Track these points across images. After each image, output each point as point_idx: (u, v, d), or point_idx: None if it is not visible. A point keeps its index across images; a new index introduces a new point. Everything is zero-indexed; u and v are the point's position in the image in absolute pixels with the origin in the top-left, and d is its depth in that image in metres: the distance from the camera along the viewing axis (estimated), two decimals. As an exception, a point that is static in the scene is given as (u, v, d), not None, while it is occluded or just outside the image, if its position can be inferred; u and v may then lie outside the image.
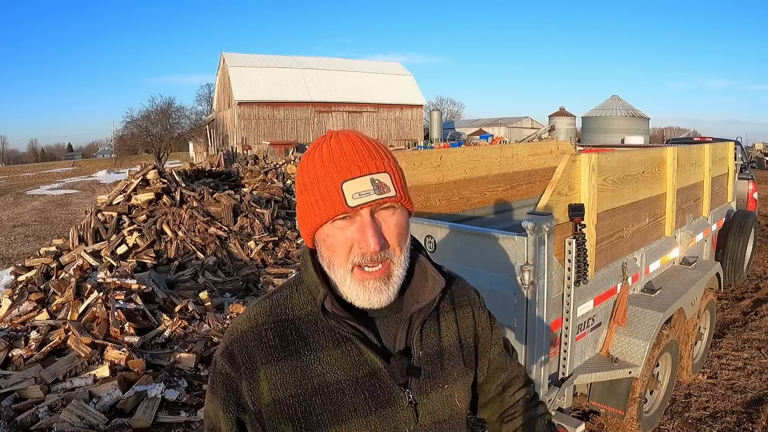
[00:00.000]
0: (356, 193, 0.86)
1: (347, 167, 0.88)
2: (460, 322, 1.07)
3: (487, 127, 53.54)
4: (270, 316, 0.96)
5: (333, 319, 0.93)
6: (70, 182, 31.05)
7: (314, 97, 38.87)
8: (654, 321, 2.95)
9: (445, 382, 1.01)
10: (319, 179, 0.89)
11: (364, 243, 0.88)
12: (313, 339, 0.94)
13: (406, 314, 0.97)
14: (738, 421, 3.56)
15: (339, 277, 0.92)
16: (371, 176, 0.88)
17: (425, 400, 0.97)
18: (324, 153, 0.90)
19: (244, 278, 6.81)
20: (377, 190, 0.87)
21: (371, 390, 0.93)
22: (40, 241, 11.09)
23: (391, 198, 0.89)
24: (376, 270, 0.90)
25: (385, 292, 0.92)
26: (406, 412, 0.95)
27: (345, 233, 0.89)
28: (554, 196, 2.43)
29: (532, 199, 4.32)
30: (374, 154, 0.90)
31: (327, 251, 0.92)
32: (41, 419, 3.61)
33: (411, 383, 0.96)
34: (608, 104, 41.59)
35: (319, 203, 0.89)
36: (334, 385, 0.92)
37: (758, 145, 36.71)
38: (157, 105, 36.18)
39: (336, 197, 0.87)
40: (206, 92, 55.68)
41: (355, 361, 0.93)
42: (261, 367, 0.92)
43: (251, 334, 0.94)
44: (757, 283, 6.54)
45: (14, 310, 5.28)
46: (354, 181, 0.87)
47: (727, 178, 5.18)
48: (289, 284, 1.01)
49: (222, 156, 17.96)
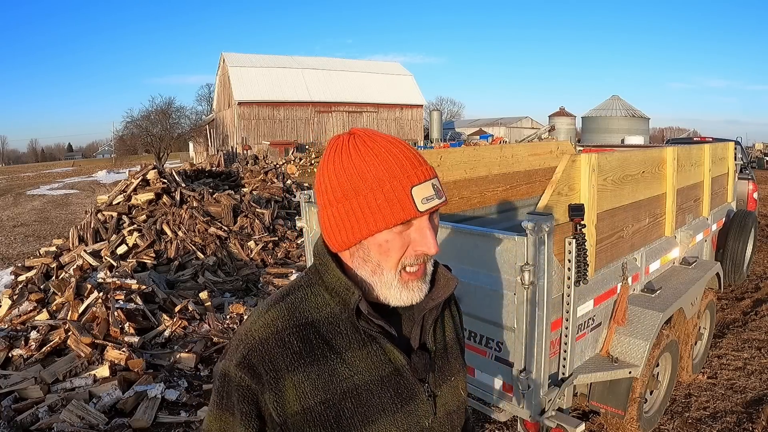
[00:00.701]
0: (424, 198, 0.87)
1: (413, 171, 0.88)
2: (454, 318, 1.12)
3: (487, 127, 53.55)
4: (290, 321, 0.92)
5: (363, 320, 0.92)
6: (70, 182, 31.04)
7: (314, 97, 38.87)
8: (654, 321, 2.95)
9: (451, 375, 1.05)
10: (381, 182, 0.86)
11: (426, 246, 0.89)
12: (336, 341, 0.92)
13: (421, 311, 0.98)
14: (738, 421, 3.56)
15: (386, 280, 0.91)
16: (432, 181, 0.89)
17: (440, 393, 1.01)
18: (376, 153, 0.88)
19: (244, 278, 6.81)
20: (437, 194, 0.89)
21: (396, 387, 0.94)
22: (40, 241, 11.09)
23: (444, 203, 0.91)
24: (417, 270, 0.92)
25: (423, 290, 0.94)
26: (426, 405, 0.97)
27: (403, 237, 0.89)
28: (554, 196, 2.43)
29: (532, 199, 4.32)
30: (422, 159, 0.91)
31: (380, 256, 0.90)
32: (41, 419, 3.61)
33: (428, 377, 0.99)
34: (608, 104, 41.62)
35: (383, 208, 0.86)
36: (362, 386, 0.92)
37: (758, 145, 36.71)
38: (157, 105, 36.26)
39: (406, 202, 0.86)
40: (206, 92, 55.85)
41: (380, 360, 0.94)
42: (287, 375, 0.88)
43: (273, 341, 0.90)
44: (757, 283, 6.54)
45: (14, 310, 5.28)
46: (421, 186, 0.87)
47: (727, 178, 5.18)
48: (301, 286, 0.98)
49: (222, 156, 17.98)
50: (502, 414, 2.56)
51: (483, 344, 2.56)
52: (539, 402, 2.40)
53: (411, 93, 42.81)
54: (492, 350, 2.53)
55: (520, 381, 2.36)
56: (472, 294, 2.47)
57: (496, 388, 2.55)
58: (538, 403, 2.39)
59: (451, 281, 1.01)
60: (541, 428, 2.48)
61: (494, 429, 3.54)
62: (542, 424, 2.43)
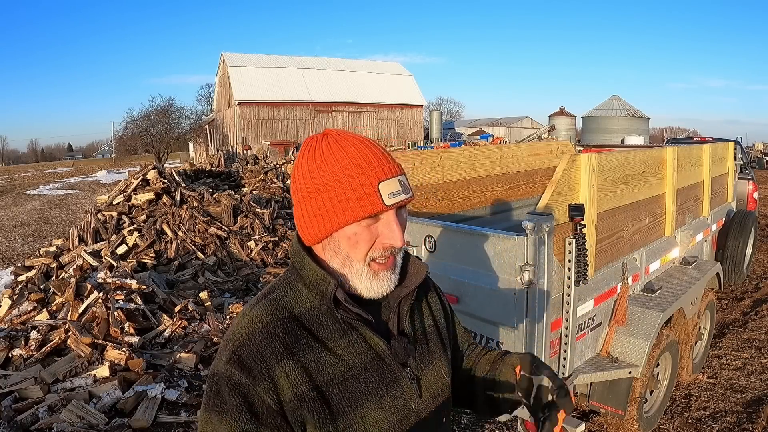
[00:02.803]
0: (391, 192, 0.93)
1: (380, 168, 0.94)
2: (432, 305, 1.17)
3: (487, 127, 53.54)
4: (274, 315, 0.96)
5: (342, 309, 0.97)
6: (70, 182, 31.05)
7: (314, 97, 38.85)
8: (654, 321, 2.95)
9: (432, 359, 1.09)
10: (350, 178, 0.92)
11: (393, 239, 0.95)
12: (319, 332, 0.97)
13: (396, 300, 1.04)
14: (738, 421, 3.56)
15: (355, 271, 0.97)
16: (398, 177, 0.95)
17: (423, 377, 1.05)
18: (346, 151, 0.94)
19: (244, 278, 6.81)
20: (404, 190, 0.96)
21: (380, 372, 0.99)
22: (40, 241, 11.10)
23: (410, 198, 0.97)
24: (386, 261, 0.98)
25: (393, 281, 1.00)
26: (410, 388, 1.02)
27: (371, 230, 0.95)
28: (554, 196, 2.43)
29: (532, 199, 4.32)
30: (390, 157, 0.98)
31: (349, 248, 0.96)
32: (41, 419, 3.61)
33: (410, 362, 1.03)
34: (608, 104, 41.57)
35: (351, 202, 0.92)
36: (347, 372, 0.96)
37: (758, 145, 36.73)
38: (157, 105, 36.18)
39: (374, 196, 0.92)
40: (206, 92, 55.71)
41: (361, 347, 0.98)
42: (276, 365, 0.91)
43: (260, 335, 0.93)
44: (757, 283, 6.54)
45: (14, 310, 5.28)
46: (388, 182, 0.93)
47: (727, 178, 5.18)
48: (281, 284, 1.02)
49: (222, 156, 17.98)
50: (502, 414, 2.55)
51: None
52: (539, 402, 2.39)
53: (411, 93, 42.79)
54: (492, 350, 2.53)
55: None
56: (472, 294, 2.47)
57: (496, 388, 2.54)
58: (538, 403, 2.39)
59: (422, 269, 1.07)
60: (541, 428, 2.48)
61: (494, 429, 3.54)
62: (542, 424, 2.43)
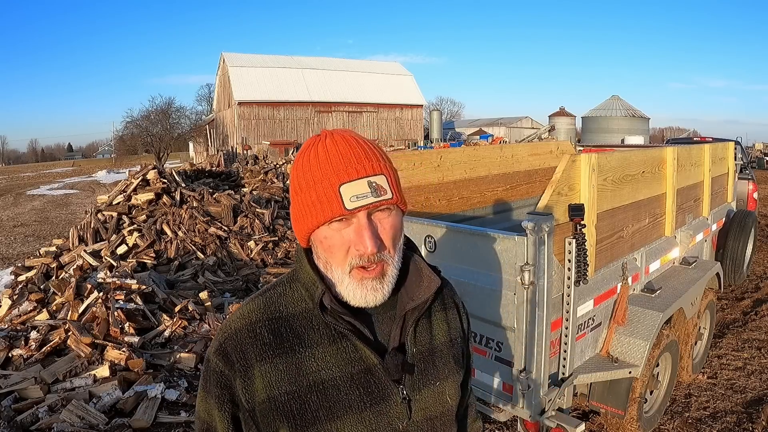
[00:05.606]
0: (354, 195, 0.87)
1: (344, 169, 0.88)
2: (450, 323, 1.09)
3: (487, 127, 53.53)
4: (264, 314, 0.96)
5: (330, 316, 0.93)
6: (70, 182, 31.05)
7: (314, 97, 38.85)
8: (654, 321, 2.95)
9: (437, 379, 1.02)
10: (316, 181, 0.89)
11: (362, 245, 0.89)
12: (308, 336, 0.95)
13: (401, 312, 0.98)
14: (738, 421, 3.56)
15: (337, 277, 0.93)
16: (368, 179, 0.89)
17: (418, 397, 0.99)
18: (320, 154, 0.91)
19: (244, 278, 6.81)
20: (374, 192, 0.89)
21: (366, 386, 0.94)
22: (40, 241, 11.09)
23: (387, 200, 0.90)
24: (371, 269, 0.91)
25: (380, 291, 0.93)
26: (399, 407, 0.96)
27: (342, 235, 0.90)
28: (554, 196, 2.43)
29: (532, 199, 4.32)
30: (370, 156, 0.91)
31: (324, 252, 0.93)
32: (41, 419, 3.61)
33: (405, 379, 0.97)
34: (608, 104, 41.58)
35: (315, 205, 0.89)
36: (329, 381, 0.93)
37: (758, 145, 36.75)
38: (157, 105, 36.26)
39: (334, 200, 0.88)
40: (206, 92, 55.79)
41: (350, 358, 0.94)
42: (255, 364, 0.92)
43: (245, 332, 0.94)
44: (757, 283, 6.54)
45: (14, 310, 5.28)
46: (351, 184, 0.88)
47: (727, 178, 5.18)
48: (283, 282, 1.01)
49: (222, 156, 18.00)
50: (502, 414, 2.56)
51: (483, 344, 2.56)
52: (539, 402, 2.40)
53: (411, 93, 42.78)
54: (492, 350, 2.53)
55: (520, 381, 2.37)
56: (472, 294, 2.47)
57: (496, 388, 2.55)
58: (538, 403, 2.39)
59: (434, 282, 1.00)
60: (541, 428, 2.48)
61: (494, 429, 3.54)
62: (542, 424, 2.43)
